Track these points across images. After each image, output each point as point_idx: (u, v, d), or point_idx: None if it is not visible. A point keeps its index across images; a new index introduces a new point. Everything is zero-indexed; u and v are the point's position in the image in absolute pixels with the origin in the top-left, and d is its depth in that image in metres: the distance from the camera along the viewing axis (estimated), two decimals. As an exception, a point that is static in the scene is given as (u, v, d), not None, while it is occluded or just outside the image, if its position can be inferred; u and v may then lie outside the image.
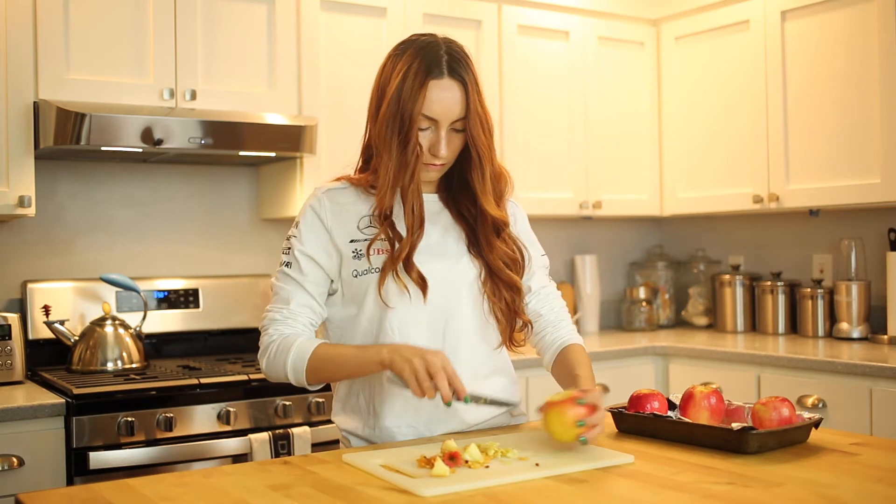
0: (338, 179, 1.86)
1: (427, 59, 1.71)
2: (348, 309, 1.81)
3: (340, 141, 3.13)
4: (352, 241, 1.77)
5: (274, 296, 1.81)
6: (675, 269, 4.19)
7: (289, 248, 1.81)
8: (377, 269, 1.74)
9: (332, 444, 2.52)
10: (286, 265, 1.80)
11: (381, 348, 1.64)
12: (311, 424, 2.67)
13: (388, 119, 1.72)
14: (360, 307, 1.78)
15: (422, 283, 1.74)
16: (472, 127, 1.72)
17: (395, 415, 1.77)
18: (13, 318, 2.69)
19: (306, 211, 1.81)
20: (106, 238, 3.13)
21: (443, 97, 1.70)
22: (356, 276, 1.76)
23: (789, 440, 1.60)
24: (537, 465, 1.45)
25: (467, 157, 1.78)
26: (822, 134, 3.31)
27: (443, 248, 1.79)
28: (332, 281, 1.80)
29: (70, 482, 2.36)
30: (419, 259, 1.74)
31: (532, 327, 1.89)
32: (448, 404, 1.58)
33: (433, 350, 1.62)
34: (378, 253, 1.74)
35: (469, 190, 1.81)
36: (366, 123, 1.82)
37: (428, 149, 1.73)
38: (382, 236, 1.75)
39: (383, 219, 1.75)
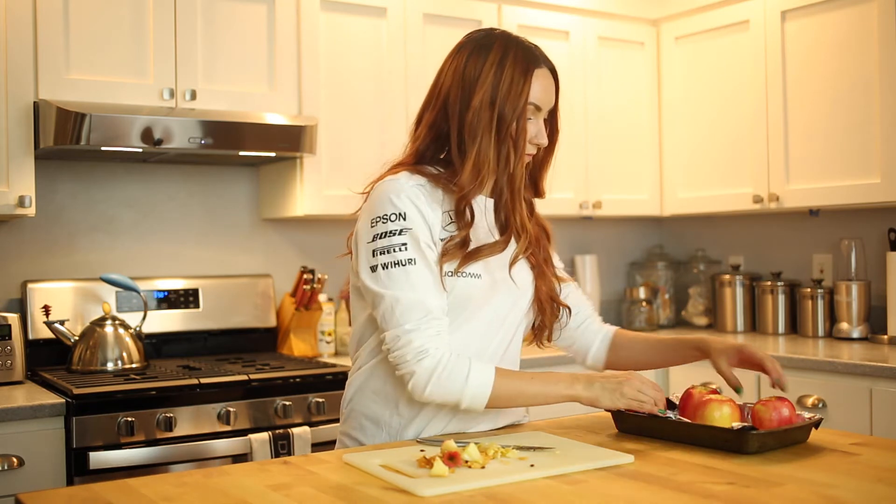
0: (399, 171, 1.70)
1: (523, 49, 1.74)
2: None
3: (340, 141, 3.14)
4: (441, 240, 1.67)
5: (397, 305, 1.59)
6: (675, 269, 4.19)
7: (403, 244, 1.60)
8: (476, 276, 1.67)
9: (332, 444, 2.51)
10: (409, 262, 1.60)
11: (572, 382, 1.65)
12: (311, 424, 2.67)
13: (485, 109, 1.66)
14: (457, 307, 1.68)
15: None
16: (558, 111, 1.84)
17: (430, 408, 1.70)
18: (13, 318, 2.69)
19: (404, 201, 1.63)
20: (106, 238, 3.13)
21: (548, 85, 1.77)
22: (450, 276, 1.65)
23: (789, 440, 1.60)
24: (532, 465, 1.45)
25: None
26: (823, 134, 3.31)
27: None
28: None
29: (70, 482, 2.36)
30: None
31: (570, 315, 1.88)
32: (662, 411, 1.66)
33: (622, 374, 1.68)
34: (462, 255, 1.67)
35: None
36: (425, 116, 1.74)
37: (530, 139, 1.74)
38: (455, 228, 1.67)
39: (463, 210, 1.67)
